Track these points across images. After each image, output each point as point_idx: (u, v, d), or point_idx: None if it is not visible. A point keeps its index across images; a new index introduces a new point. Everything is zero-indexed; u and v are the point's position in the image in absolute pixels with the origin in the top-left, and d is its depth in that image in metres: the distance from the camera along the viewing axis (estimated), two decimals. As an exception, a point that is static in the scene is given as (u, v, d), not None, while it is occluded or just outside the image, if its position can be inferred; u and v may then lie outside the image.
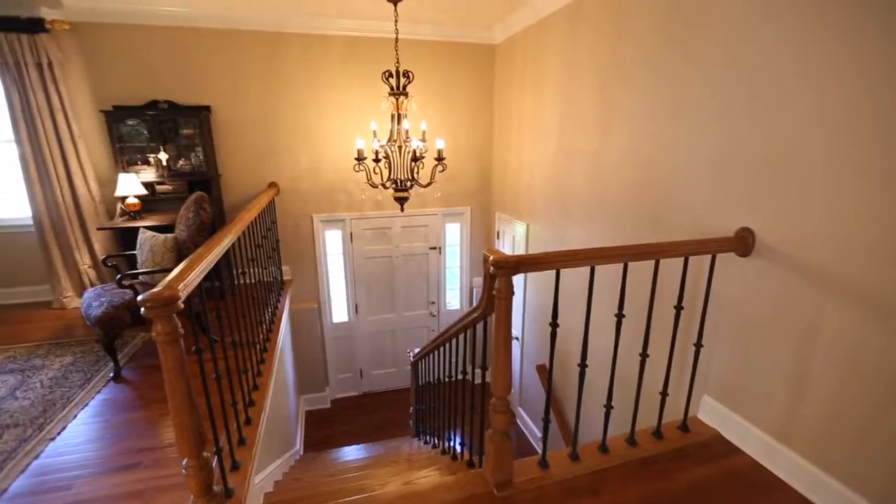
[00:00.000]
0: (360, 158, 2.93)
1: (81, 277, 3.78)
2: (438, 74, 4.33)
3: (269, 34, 3.85)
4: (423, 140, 2.96)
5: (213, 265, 1.57)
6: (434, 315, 5.23)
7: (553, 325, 1.65)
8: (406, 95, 2.90)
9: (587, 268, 1.63)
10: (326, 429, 4.67)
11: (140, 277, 2.84)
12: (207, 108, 3.82)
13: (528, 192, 3.97)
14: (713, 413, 2.02)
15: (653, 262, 1.73)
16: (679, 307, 1.83)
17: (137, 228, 3.04)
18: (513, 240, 4.40)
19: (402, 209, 3.16)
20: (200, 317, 2.46)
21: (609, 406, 1.84)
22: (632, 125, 2.53)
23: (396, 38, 3.06)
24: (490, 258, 1.47)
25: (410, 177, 3.02)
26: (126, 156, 3.61)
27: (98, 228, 3.68)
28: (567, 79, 3.17)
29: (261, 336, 2.78)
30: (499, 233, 4.82)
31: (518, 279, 2.70)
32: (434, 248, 4.99)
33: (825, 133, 1.50)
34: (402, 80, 2.87)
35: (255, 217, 2.69)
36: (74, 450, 2.06)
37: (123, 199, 3.59)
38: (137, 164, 3.65)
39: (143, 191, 3.57)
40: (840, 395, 1.51)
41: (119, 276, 2.57)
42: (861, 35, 1.38)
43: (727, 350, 1.94)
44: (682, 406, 2.01)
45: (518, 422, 4.52)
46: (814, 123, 1.53)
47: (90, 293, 2.83)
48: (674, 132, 2.20)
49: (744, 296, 1.84)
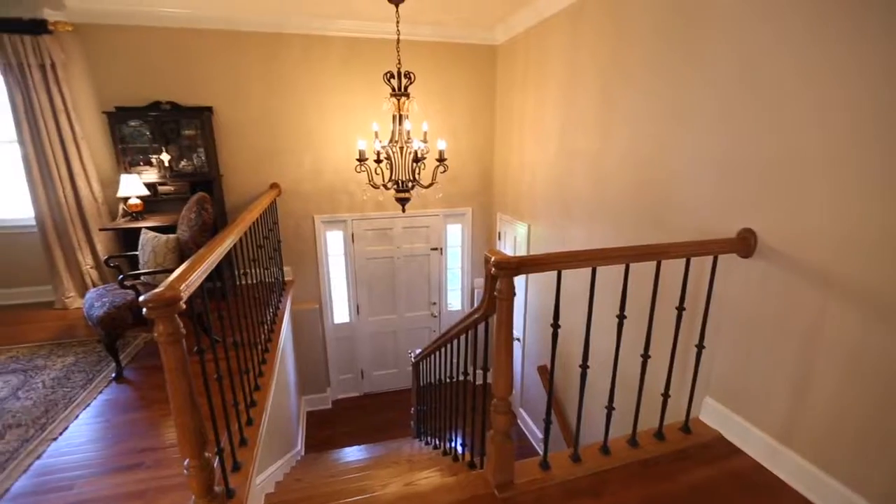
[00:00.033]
0: (362, 159, 2.93)
1: (84, 278, 3.79)
2: (440, 75, 4.33)
3: (271, 35, 3.86)
4: (425, 141, 2.96)
5: (215, 266, 1.57)
6: (435, 316, 5.23)
7: (554, 326, 1.65)
8: (407, 96, 2.91)
9: (588, 269, 1.63)
10: (328, 429, 4.67)
11: (142, 278, 2.85)
12: (209, 109, 3.83)
13: (530, 193, 3.97)
14: (715, 414, 2.01)
15: (654, 263, 1.73)
16: (681, 308, 1.83)
17: (139, 229, 3.05)
18: (514, 241, 4.40)
19: (404, 210, 3.16)
20: (202, 317, 2.47)
21: (610, 407, 1.84)
22: (633, 125, 2.53)
23: (398, 39, 3.06)
24: (491, 259, 1.47)
25: (412, 178, 3.02)
26: (128, 157, 3.62)
27: (100, 229, 3.69)
28: (569, 79, 3.17)
29: (262, 336, 2.78)
30: (500, 234, 4.82)
31: (519, 280, 2.69)
32: (435, 249, 4.99)
33: (825, 133, 1.50)
34: (404, 81, 2.87)
35: (257, 218, 2.69)
36: (76, 450, 2.07)
37: (126, 200, 3.60)
38: (140, 165, 3.66)
39: (146, 191, 3.58)
40: (841, 396, 1.51)
41: (121, 277, 2.58)
42: (861, 35, 1.38)
43: (729, 351, 1.94)
44: (684, 407, 2.00)
45: (519, 423, 4.51)
46: (814, 124, 1.53)
47: (92, 293, 2.84)
48: (675, 133, 2.20)
49: (745, 297, 1.84)
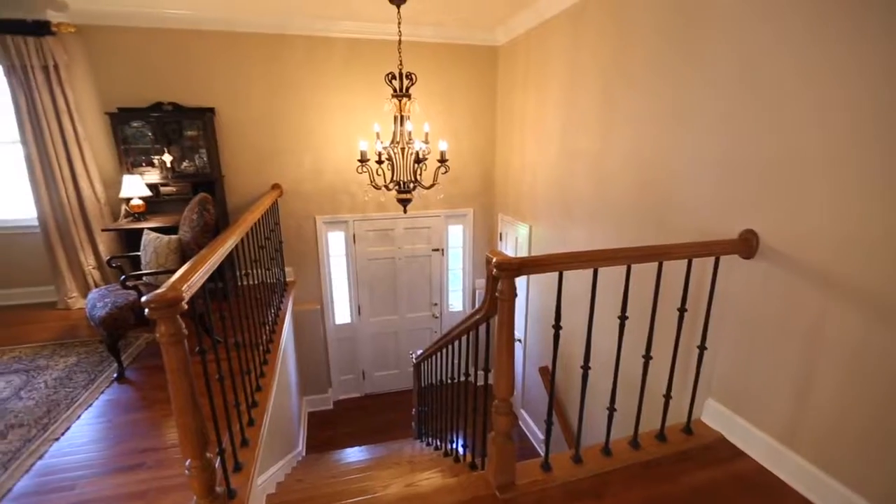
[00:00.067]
0: (363, 160, 2.93)
1: (86, 278, 3.80)
2: (441, 76, 4.33)
3: (273, 36, 3.86)
4: (426, 142, 2.96)
5: (217, 266, 1.57)
6: (437, 317, 5.22)
7: (556, 328, 1.65)
8: (409, 97, 2.91)
9: (590, 270, 1.63)
10: (329, 430, 4.67)
11: (144, 278, 2.86)
12: (211, 110, 3.84)
13: (531, 194, 3.97)
14: (717, 416, 2.01)
15: (656, 264, 1.73)
16: (682, 309, 1.83)
17: (142, 230, 3.06)
18: (515, 241, 4.40)
19: (405, 211, 3.16)
20: (204, 318, 2.47)
21: (612, 408, 1.83)
22: (634, 126, 2.53)
23: (399, 40, 3.06)
24: (493, 260, 1.47)
25: (413, 178, 3.02)
26: (131, 157, 3.63)
27: (103, 230, 3.70)
28: (570, 80, 3.17)
29: (264, 337, 2.79)
30: (501, 234, 4.82)
31: (521, 281, 2.69)
32: (437, 250, 4.99)
33: (825, 133, 1.50)
34: (405, 82, 2.87)
35: (259, 218, 2.69)
36: (78, 450, 2.07)
37: (128, 201, 3.61)
38: (142, 166, 3.67)
39: (148, 192, 3.59)
40: (843, 397, 1.51)
41: (123, 277, 2.59)
42: (861, 35, 1.38)
43: (731, 352, 1.93)
44: (686, 409, 2.00)
45: (521, 424, 4.51)
46: (814, 123, 1.53)
47: (94, 294, 2.85)
48: (676, 133, 2.20)
49: (747, 298, 1.83)
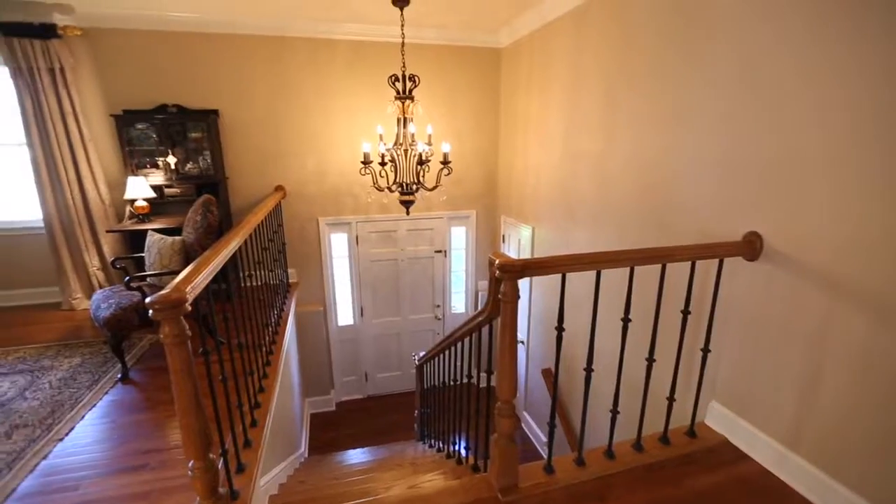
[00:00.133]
0: (366, 162, 2.94)
1: (90, 279, 3.82)
2: (444, 78, 4.34)
3: (276, 38, 3.88)
4: (429, 144, 2.97)
5: (221, 268, 1.58)
6: (439, 318, 5.22)
7: (559, 330, 1.65)
8: (412, 99, 2.91)
9: (593, 272, 1.62)
10: (331, 431, 4.67)
11: (148, 280, 2.87)
12: (215, 112, 3.85)
13: (534, 196, 3.97)
14: (721, 419, 2.00)
15: (659, 266, 1.72)
16: (686, 311, 1.82)
17: (146, 231, 3.08)
18: (518, 243, 4.39)
19: (408, 212, 3.17)
20: (207, 319, 2.47)
21: (615, 411, 1.83)
22: (637, 128, 2.52)
23: (403, 43, 3.07)
24: (496, 262, 1.47)
25: (416, 180, 3.03)
26: (135, 159, 3.65)
27: (107, 231, 3.72)
28: (572, 82, 3.17)
29: (267, 338, 2.79)
30: (504, 236, 4.82)
31: (523, 283, 2.69)
32: (439, 252, 4.99)
33: (826, 133, 1.50)
34: (408, 84, 2.88)
35: (262, 220, 2.70)
36: (82, 450, 2.08)
37: (132, 202, 3.63)
38: (146, 168, 3.69)
39: (152, 194, 3.61)
40: (849, 400, 1.50)
41: (127, 279, 2.60)
42: (861, 35, 1.38)
43: (735, 355, 1.92)
44: (689, 411, 1.99)
45: (523, 426, 4.50)
46: (814, 123, 1.53)
47: (99, 295, 2.86)
48: (678, 135, 2.20)
49: (751, 300, 1.82)
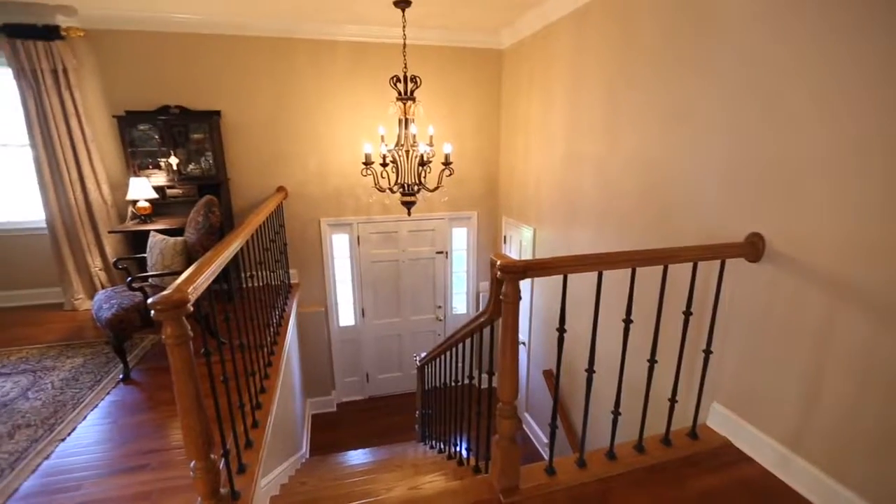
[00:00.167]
0: (368, 163, 2.95)
1: (93, 280, 3.83)
2: (446, 79, 4.34)
3: (278, 40, 3.89)
4: (431, 144, 2.97)
5: (222, 268, 1.58)
6: (440, 319, 5.22)
7: (560, 331, 1.64)
8: (413, 100, 2.92)
9: (595, 273, 1.62)
10: (332, 432, 4.67)
11: (150, 280, 2.87)
12: (217, 113, 3.86)
13: (536, 197, 3.96)
14: (723, 420, 1.99)
15: (661, 267, 1.72)
16: (688, 313, 1.81)
17: (148, 231, 3.09)
18: (520, 244, 4.39)
19: (409, 213, 3.18)
20: (209, 319, 2.48)
21: (617, 412, 1.82)
22: (639, 129, 2.52)
23: (404, 44, 3.08)
24: (497, 263, 1.47)
25: (417, 181, 3.03)
26: (137, 160, 3.66)
27: (109, 231, 3.73)
28: (574, 83, 3.17)
29: (268, 339, 2.80)
30: (506, 237, 4.81)
31: (525, 284, 2.69)
32: (441, 253, 4.99)
33: (826, 133, 1.49)
34: (410, 85, 2.88)
35: (264, 221, 2.71)
36: (84, 451, 2.08)
37: (134, 203, 3.64)
38: (148, 168, 3.70)
39: (154, 194, 3.62)
40: (852, 402, 1.49)
41: (129, 279, 2.60)
42: (862, 35, 1.38)
43: (737, 356, 1.92)
44: (691, 413, 1.98)
45: (524, 427, 4.49)
46: (815, 124, 1.53)
47: (101, 295, 2.87)
48: (680, 136, 2.19)
49: (754, 301, 1.82)
